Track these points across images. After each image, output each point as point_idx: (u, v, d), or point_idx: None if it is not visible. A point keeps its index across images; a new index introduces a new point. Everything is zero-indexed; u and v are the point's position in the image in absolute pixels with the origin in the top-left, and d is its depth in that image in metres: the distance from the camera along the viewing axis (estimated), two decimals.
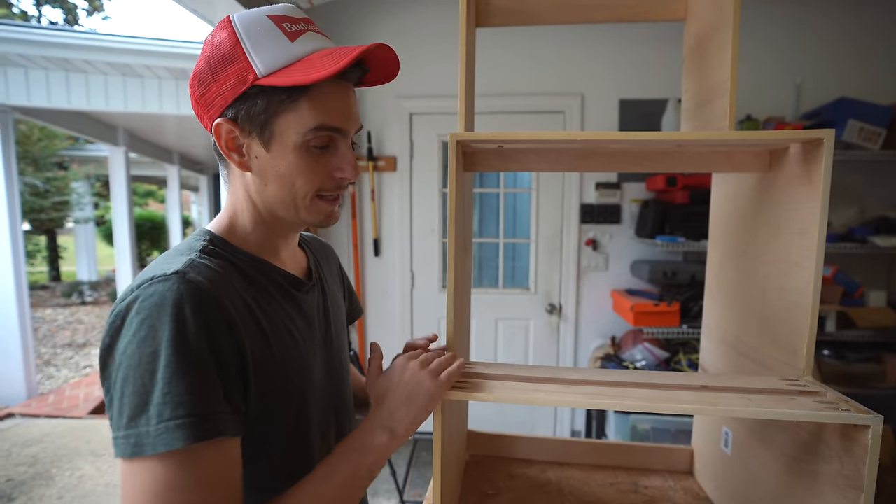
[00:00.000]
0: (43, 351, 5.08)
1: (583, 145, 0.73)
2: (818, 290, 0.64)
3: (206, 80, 0.53)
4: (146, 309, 0.46)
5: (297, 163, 0.54)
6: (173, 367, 0.44)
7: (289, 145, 0.54)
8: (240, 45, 0.51)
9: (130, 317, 0.46)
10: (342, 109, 0.55)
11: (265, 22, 0.52)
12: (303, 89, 0.52)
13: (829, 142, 0.62)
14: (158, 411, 0.44)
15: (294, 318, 0.60)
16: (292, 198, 0.56)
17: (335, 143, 0.56)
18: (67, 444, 2.84)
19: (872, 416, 0.52)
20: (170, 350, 0.44)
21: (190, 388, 0.44)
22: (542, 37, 2.47)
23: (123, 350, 0.45)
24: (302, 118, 0.53)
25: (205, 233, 0.58)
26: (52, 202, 7.41)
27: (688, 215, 2.22)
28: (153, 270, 0.49)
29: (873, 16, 2.36)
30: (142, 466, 0.44)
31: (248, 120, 0.53)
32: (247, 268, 0.57)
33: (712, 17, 0.81)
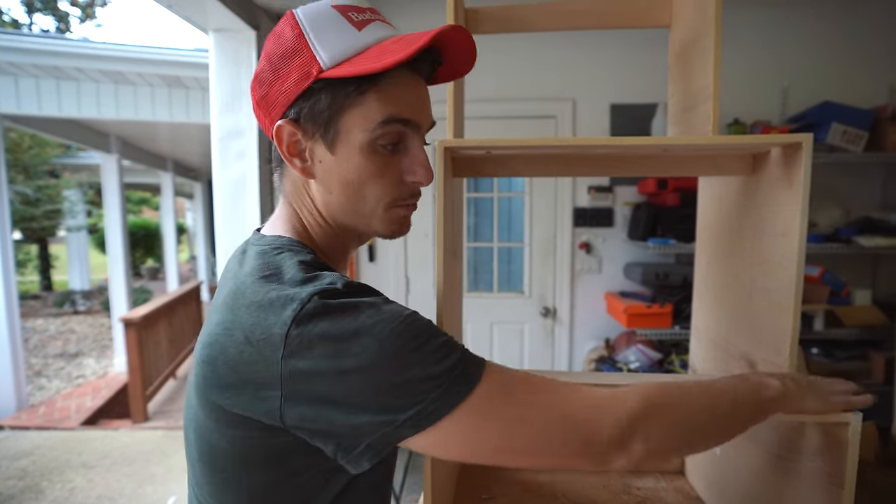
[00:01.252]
0: (34, 361, 5.03)
1: (571, 151, 0.74)
2: (800, 291, 0.65)
3: (268, 79, 0.49)
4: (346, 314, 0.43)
5: (364, 166, 0.49)
6: (414, 336, 0.43)
7: (355, 146, 0.49)
8: (303, 37, 0.47)
9: (339, 328, 0.42)
10: (413, 100, 0.50)
11: (330, 12, 0.48)
12: (372, 81, 0.47)
13: (807, 146, 0.64)
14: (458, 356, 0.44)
15: None
16: (361, 207, 0.51)
17: (405, 142, 0.51)
18: (58, 456, 2.81)
19: (852, 414, 0.54)
20: (399, 326, 0.43)
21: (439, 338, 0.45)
22: (533, 42, 2.50)
23: (352, 353, 0.42)
24: (369, 112, 0.48)
25: (294, 243, 0.52)
26: (43, 211, 7.36)
27: (679, 218, 2.24)
28: (302, 285, 0.44)
29: (856, 22, 2.41)
30: (475, 400, 0.43)
31: (312, 119, 0.48)
32: None
33: (696, 24, 0.83)
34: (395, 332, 0.43)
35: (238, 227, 2.05)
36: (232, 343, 0.44)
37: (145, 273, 11.29)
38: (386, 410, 0.42)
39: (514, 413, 0.44)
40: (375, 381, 0.42)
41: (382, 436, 0.43)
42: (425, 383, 0.42)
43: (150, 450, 2.94)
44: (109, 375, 4.58)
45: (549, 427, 0.45)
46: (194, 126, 3.91)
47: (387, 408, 0.42)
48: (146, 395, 3.54)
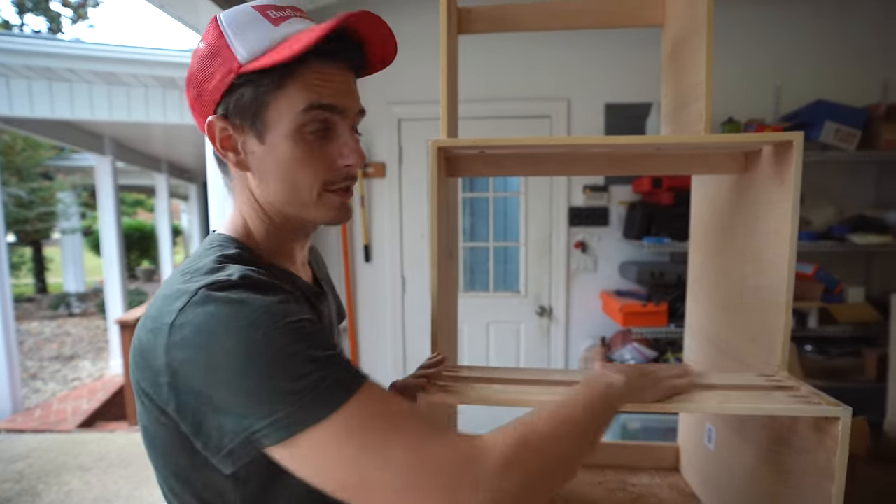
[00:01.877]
0: (29, 364, 4.99)
1: (565, 150, 0.74)
2: (791, 288, 0.66)
3: (199, 80, 0.52)
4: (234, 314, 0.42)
5: (293, 152, 0.51)
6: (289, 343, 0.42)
7: (283, 133, 0.50)
8: (223, 37, 0.50)
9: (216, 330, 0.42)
10: (334, 86, 0.52)
11: (249, 11, 0.51)
12: (290, 70, 0.49)
13: (798, 144, 0.64)
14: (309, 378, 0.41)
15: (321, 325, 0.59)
16: (296, 194, 0.53)
17: (334, 128, 0.53)
18: (55, 458, 2.79)
19: (842, 409, 0.54)
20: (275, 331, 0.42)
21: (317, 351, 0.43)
22: (527, 42, 2.50)
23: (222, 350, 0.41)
24: (291, 101, 0.50)
25: (224, 238, 0.54)
26: (37, 213, 7.30)
27: (673, 216, 2.25)
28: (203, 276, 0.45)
29: (849, 21, 2.43)
30: (336, 421, 0.41)
31: (239, 113, 0.51)
32: (277, 279, 0.51)
33: (688, 23, 0.84)
34: (269, 336, 0.42)
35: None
36: (143, 331, 0.46)
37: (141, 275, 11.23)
38: (247, 415, 0.41)
39: (369, 452, 0.41)
40: (241, 381, 0.41)
41: (242, 441, 0.42)
42: (288, 395, 0.41)
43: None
44: (105, 378, 4.56)
45: (406, 475, 0.41)
46: (189, 127, 3.89)
47: (248, 412, 0.41)
48: None
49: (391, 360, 2.72)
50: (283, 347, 0.42)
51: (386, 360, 2.71)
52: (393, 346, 2.71)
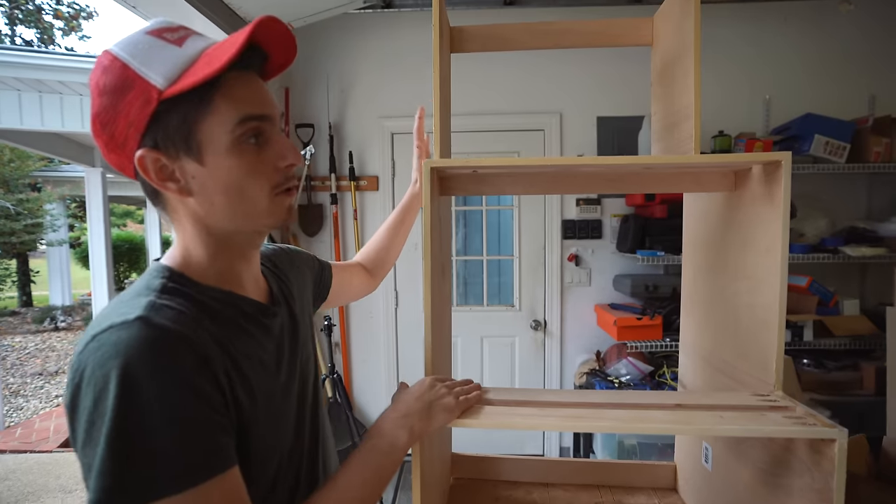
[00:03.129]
0: (11, 381, 4.87)
1: (555, 169, 0.74)
2: (784, 307, 0.66)
3: (109, 119, 0.50)
4: (109, 361, 0.43)
5: (238, 165, 0.51)
6: (152, 420, 0.42)
7: (222, 150, 0.50)
8: (129, 69, 0.49)
9: (91, 370, 0.43)
10: (258, 96, 0.53)
11: (146, 39, 0.50)
12: (213, 86, 0.49)
13: (786, 164, 0.65)
14: (144, 467, 0.42)
15: (265, 345, 0.58)
16: (248, 205, 0.53)
17: (265, 134, 0.53)
18: (35, 480, 2.71)
19: (837, 430, 0.54)
20: (146, 403, 0.42)
21: (174, 439, 0.43)
22: (520, 56, 2.53)
23: (94, 408, 0.42)
24: (222, 116, 0.50)
25: (161, 269, 0.54)
26: (23, 225, 7.20)
27: (666, 229, 2.26)
28: (111, 317, 0.46)
29: (836, 36, 2.49)
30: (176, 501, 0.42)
31: (169, 140, 0.50)
32: (211, 302, 0.53)
33: (676, 45, 0.85)
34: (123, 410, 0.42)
35: None
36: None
37: None
38: (85, 473, 0.43)
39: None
40: (88, 439, 0.43)
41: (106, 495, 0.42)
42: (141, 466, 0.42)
43: None
44: None
45: None
46: None
47: (86, 471, 0.43)
48: None
49: (384, 374, 2.69)
50: (146, 422, 0.42)
51: (379, 375, 2.68)
52: (386, 360, 2.68)
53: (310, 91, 2.61)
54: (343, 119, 2.63)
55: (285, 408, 0.59)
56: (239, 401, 0.50)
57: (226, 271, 0.57)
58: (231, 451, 0.48)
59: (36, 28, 11.42)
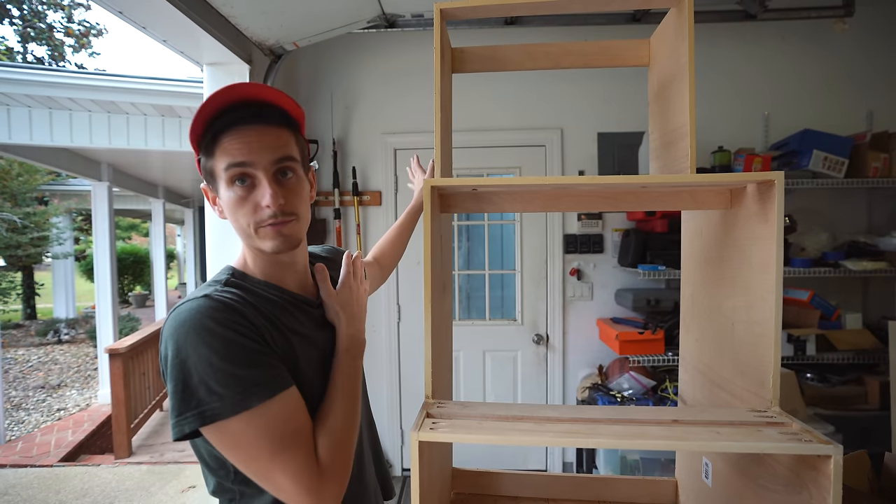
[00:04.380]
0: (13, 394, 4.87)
1: (553, 188, 0.76)
2: (779, 323, 0.67)
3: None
4: (184, 319, 0.59)
5: (229, 200, 0.66)
6: (225, 350, 0.57)
7: (223, 188, 0.66)
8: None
9: (169, 328, 0.60)
10: (244, 147, 0.65)
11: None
12: (215, 142, 0.65)
13: (779, 183, 0.66)
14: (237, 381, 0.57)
15: (306, 324, 0.72)
16: (241, 231, 0.68)
17: (254, 179, 0.66)
18: (34, 495, 2.70)
19: (832, 447, 0.54)
20: (213, 341, 0.58)
21: (249, 362, 0.59)
22: (521, 73, 2.58)
23: (175, 353, 0.58)
24: (218, 163, 0.66)
25: (228, 269, 0.72)
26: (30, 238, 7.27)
27: (668, 243, 2.27)
28: (183, 300, 0.63)
29: (834, 53, 2.52)
30: (244, 421, 0.57)
31: (206, 179, 0.69)
32: (264, 293, 0.69)
33: (672, 66, 0.87)
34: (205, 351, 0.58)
35: (229, 253, 2.05)
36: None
37: (133, 300, 11.11)
38: (177, 404, 0.58)
39: (255, 464, 0.59)
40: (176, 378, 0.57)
41: (176, 421, 0.57)
42: (208, 394, 0.57)
43: (132, 487, 2.83)
44: (92, 407, 4.45)
45: (276, 490, 0.60)
46: (186, 154, 3.93)
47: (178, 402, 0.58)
48: (131, 429, 3.44)
49: (387, 387, 2.68)
50: (212, 359, 0.57)
51: (381, 388, 2.68)
52: (389, 374, 2.68)
53: (314, 108, 2.66)
54: (347, 135, 2.67)
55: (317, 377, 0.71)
56: (283, 359, 0.64)
57: (269, 273, 0.72)
58: (288, 375, 0.62)
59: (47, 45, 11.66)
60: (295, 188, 0.68)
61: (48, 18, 11.52)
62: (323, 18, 2.21)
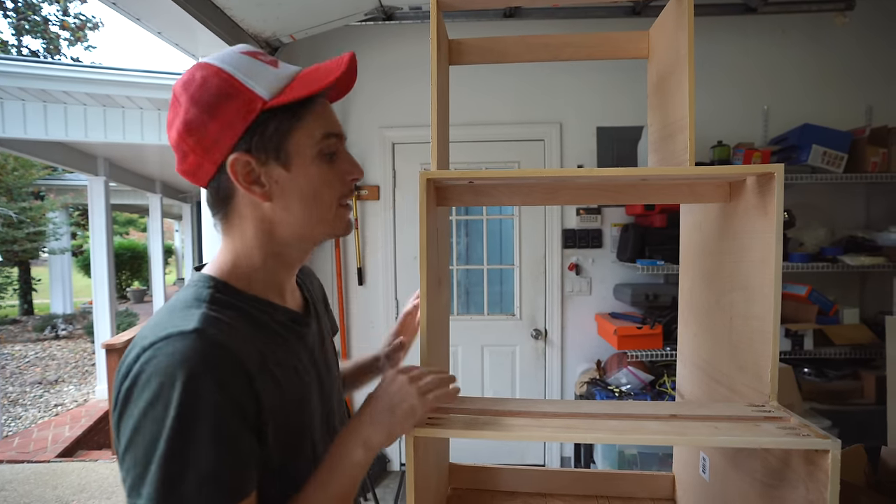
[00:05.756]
0: (10, 390, 4.86)
1: (551, 181, 0.75)
2: (778, 318, 0.66)
3: (202, 123, 0.53)
4: (168, 370, 0.45)
5: (319, 174, 0.57)
6: (204, 434, 0.45)
7: (308, 159, 0.56)
8: (235, 80, 0.53)
9: (147, 377, 0.45)
10: (334, 117, 0.60)
11: (245, 57, 0.56)
12: (305, 105, 0.56)
13: (779, 176, 0.66)
14: (190, 478, 0.44)
15: (299, 354, 0.61)
16: (320, 211, 0.58)
17: (338, 150, 0.60)
18: (31, 491, 2.69)
19: (830, 441, 0.54)
20: (199, 416, 0.45)
21: (220, 457, 0.45)
22: (520, 67, 2.56)
23: (144, 414, 0.45)
24: (312, 130, 0.56)
25: (207, 279, 0.57)
26: (26, 233, 7.23)
27: (666, 238, 2.27)
28: (167, 327, 0.48)
29: (833, 47, 2.51)
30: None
31: (263, 146, 0.54)
32: (254, 311, 0.57)
33: (671, 58, 0.86)
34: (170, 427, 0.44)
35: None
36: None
37: (131, 295, 11.08)
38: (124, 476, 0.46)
39: None
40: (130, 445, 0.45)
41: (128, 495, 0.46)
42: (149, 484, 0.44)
43: None
44: (90, 403, 4.45)
45: None
46: None
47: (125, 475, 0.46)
48: None
49: None
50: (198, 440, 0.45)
51: None
52: None
53: None
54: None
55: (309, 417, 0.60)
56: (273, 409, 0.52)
57: (270, 280, 0.60)
58: (255, 476, 0.50)
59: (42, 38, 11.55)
60: None
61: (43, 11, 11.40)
62: (320, 11, 2.19)
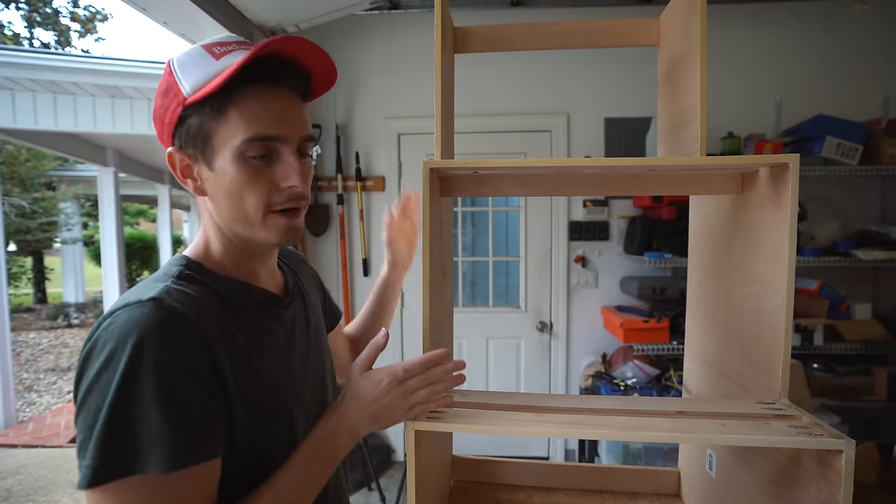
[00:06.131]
0: (25, 376, 4.95)
1: (556, 171, 0.73)
2: (790, 313, 0.64)
3: (159, 115, 0.56)
4: (121, 336, 0.46)
5: (238, 176, 0.53)
6: (150, 395, 0.45)
7: (227, 159, 0.53)
8: (173, 76, 0.54)
9: (102, 342, 0.46)
10: (274, 115, 0.53)
11: (196, 50, 0.55)
12: (229, 98, 0.52)
13: (794, 166, 0.63)
14: (132, 440, 0.44)
15: (276, 333, 0.60)
16: (244, 215, 0.55)
17: (277, 153, 0.55)
18: (45, 475, 2.75)
19: (844, 441, 0.52)
20: (146, 379, 0.45)
21: (167, 419, 0.45)
22: (527, 57, 2.52)
23: (97, 377, 0.45)
24: (234, 129, 0.52)
25: (181, 258, 0.58)
26: (38, 223, 7.33)
27: (674, 231, 2.24)
28: (129, 296, 0.50)
29: (848, 37, 2.44)
30: (111, 494, 0.44)
31: (191, 143, 0.54)
32: (224, 290, 0.57)
33: (682, 45, 0.83)
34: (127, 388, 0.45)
35: None
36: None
37: None
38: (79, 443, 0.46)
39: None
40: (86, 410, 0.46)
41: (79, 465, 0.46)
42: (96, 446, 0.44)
43: None
44: None
45: None
46: None
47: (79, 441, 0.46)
48: None
49: None
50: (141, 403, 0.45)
51: None
52: (392, 360, 2.68)
53: None
54: (350, 120, 2.64)
55: (290, 396, 0.60)
56: (239, 385, 0.52)
57: (241, 266, 0.60)
58: (215, 442, 0.49)
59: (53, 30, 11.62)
60: (309, 172, 0.58)
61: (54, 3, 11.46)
62: None
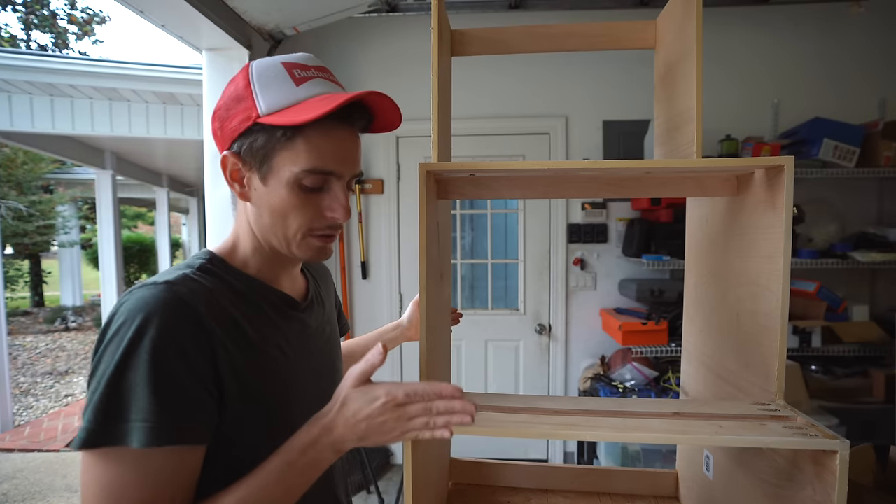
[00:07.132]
0: (21, 380, 4.93)
1: (553, 173, 0.74)
2: (786, 315, 0.64)
3: (223, 116, 0.59)
4: (130, 312, 0.49)
5: (288, 198, 0.57)
6: (143, 372, 0.48)
7: (282, 181, 0.56)
8: (250, 87, 0.57)
9: (117, 318, 0.50)
10: (337, 153, 0.57)
11: (277, 67, 0.57)
12: (298, 129, 0.55)
13: (789, 168, 0.64)
14: (121, 412, 0.47)
15: (288, 335, 0.63)
16: (284, 232, 0.59)
17: (329, 184, 0.59)
18: (41, 479, 2.74)
19: (839, 442, 0.52)
20: (142, 356, 0.48)
21: (154, 396, 0.47)
22: (526, 60, 2.53)
23: (105, 347, 0.49)
24: (297, 157, 0.56)
25: (206, 253, 0.62)
26: (36, 226, 7.31)
27: (672, 233, 2.24)
28: (151, 278, 0.54)
29: (845, 40, 2.45)
30: (95, 459, 0.48)
31: (251, 154, 0.57)
32: (242, 287, 0.60)
33: (678, 47, 0.84)
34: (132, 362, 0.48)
35: None
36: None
37: None
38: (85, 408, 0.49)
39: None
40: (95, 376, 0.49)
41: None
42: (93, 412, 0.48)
43: None
44: None
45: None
46: (190, 142, 3.91)
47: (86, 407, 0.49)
48: None
49: (388, 378, 2.68)
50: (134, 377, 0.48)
51: (384, 377, 2.68)
52: (391, 364, 2.68)
53: None
54: None
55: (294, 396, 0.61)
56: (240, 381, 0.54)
57: (264, 269, 0.63)
58: (199, 430, 0.51)
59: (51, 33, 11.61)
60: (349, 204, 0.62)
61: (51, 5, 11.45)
62: (323, 2, 2.17)
